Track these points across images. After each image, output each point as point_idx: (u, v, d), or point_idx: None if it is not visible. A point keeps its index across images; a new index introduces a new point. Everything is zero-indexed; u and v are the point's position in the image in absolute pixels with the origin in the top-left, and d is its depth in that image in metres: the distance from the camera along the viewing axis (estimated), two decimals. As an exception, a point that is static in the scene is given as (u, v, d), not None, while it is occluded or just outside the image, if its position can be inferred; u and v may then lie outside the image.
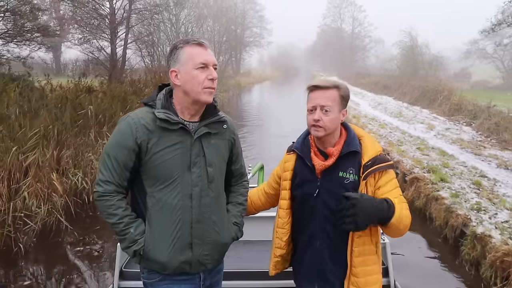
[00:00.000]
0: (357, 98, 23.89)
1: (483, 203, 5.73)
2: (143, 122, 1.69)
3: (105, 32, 19.97)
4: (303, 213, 1.93)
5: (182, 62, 1.70)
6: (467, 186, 6.56)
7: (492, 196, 6.05)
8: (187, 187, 1.71)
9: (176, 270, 1.73)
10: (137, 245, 1.69)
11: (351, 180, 1.81)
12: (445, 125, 13.27)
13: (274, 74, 73.86)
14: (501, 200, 5.84)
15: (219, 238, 1.80)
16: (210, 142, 1.78)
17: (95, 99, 9.07)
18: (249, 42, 52.65)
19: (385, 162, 1.81)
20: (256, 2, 54.73)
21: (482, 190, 6.31)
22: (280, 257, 2.02)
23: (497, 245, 4.46)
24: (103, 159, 1.72)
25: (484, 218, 5.21)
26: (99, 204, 1.71)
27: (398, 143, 10.20)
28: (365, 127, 12.95)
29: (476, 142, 10.62)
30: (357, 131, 1.93)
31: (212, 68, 1.72)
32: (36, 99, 8.51)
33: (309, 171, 1.89)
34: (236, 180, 2.01)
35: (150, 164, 1.69)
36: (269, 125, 16.57)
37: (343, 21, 68.47)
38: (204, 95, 1.71)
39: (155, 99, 1.76)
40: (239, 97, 31.68)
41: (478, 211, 5.48)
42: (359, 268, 1.80)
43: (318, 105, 1.80)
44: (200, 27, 35.94)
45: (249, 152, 10.60)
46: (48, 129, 6.70)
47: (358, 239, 1.79)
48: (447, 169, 7.57)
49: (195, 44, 1.71)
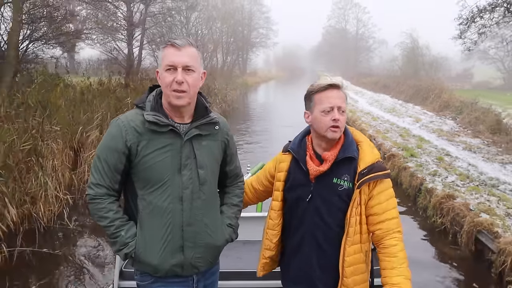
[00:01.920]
0: (356, 96, 25.63)
1: (439, 171, 7.49)
2: (132, 125, 1.68)
3: (122, 34, 21.84)
4: (293, 217, 1.90)
5: (159, 63, 1.71)
6: (431, 160, 8.32)
7: (448, 167, 7.79)
8: (177, 190, 1.69)
9: (167, 273, 1.73)
10: (128, 248, 1.70)
11: (345, 187, 1.77)
12: (431, 119, 14.97)
13: (280, 74, 75.54)
14: (454, 169, 7.59)
15: (211, 241, 1.79)
16: (201, 144, 1.76)
17: (130, 93, 10.91)
18: (256, 43, 54.09)
19: (382, 171, 1.77)
20: (262, 4, 56.43)
21: (441, 163, 8.07)
22: (269, 258, 2.00)
23: (439, 193, 6.22)
24: (94, 162, 1.72)
25: (436, 179, 6.98)
26: (91, 207, 1.71)
27: (385, 131, 11.97)
28: (359, 119, 14.71)
29: (453, 132, 12.32)
30: (356, 136, 1.88)
31: (179, 71, 1.66)
32: (83, 92, 10.38)
33: (303, 174, 1.85)
34: (231, 181, 2.00)
35: (140, 166, 1.69)
36: (275, 117, 18.41)
37: (348, 22, 69.78)
38: (173, 99, 1.67)
39: (145, 100, 1.75)
40: (245, 95, 33.45)
41: (433, 175, 7.24)
42: (350, 278, 1.77)
43: (336, 105, 1.75)
44: (210, 28, 37.71)
45: (261, 137, 12.41)
46: (104, 114, 8.54)
47: (349, 248, 1.76)
48: (420, 149, 9.33)
49: (169, 45, 1.68)
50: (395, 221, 1.76)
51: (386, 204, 1.75)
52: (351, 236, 1.75)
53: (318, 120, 1.77)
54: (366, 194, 1.75)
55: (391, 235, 1.74)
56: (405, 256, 1.73)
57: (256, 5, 55.23)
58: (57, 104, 8.59)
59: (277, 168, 1.97)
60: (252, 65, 57.39)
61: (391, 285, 1.67)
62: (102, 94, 10.21)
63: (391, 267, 1.69)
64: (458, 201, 5.75)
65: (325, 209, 1.79)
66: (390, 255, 1.71)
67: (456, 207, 5.55)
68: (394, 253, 1.71)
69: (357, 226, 1.75)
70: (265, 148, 11.52)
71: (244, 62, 52.89)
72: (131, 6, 21.26)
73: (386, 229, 1.74)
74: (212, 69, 30.77)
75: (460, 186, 6.63)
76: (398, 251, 1.71)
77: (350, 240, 1.75)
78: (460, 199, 5.85)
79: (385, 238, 1.74)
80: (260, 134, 14.23)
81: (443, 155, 8.86)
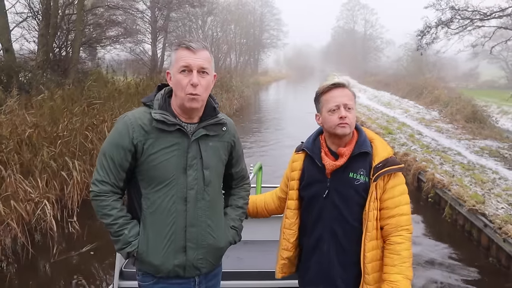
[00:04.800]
0: (359, 93, 28.17)
1: (407, 142, 10.11)
2: (140, 123, 1.68)
3: (147, 37, 24.75)
4: (311, 214, 1.90)
5: (172, 64, 1.71)
6: (404, 137, 10.94)
7: (415, 140, 10.40)
8: (182, 190, 1.69)
9: (170, 273, 1.72)
10: (130, 247, 1.69)
11: (362, 181, 1.80)
12: (418, 110, 17.51)
13: (290, 74, 77.72)
14: (419, 141, 10.22)
15: (214, 242, 1.78)
16: (208, 145, 1.75)
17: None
18: (267, 44, 56.41)
19: (396, 164, 1.81)
20: (273, 6, 58.78)
21: (411, 138, 10.68)
22: (287, 259, 1.99)
23: (400, 153, 8.84)
24: (100, 159, 1.72)
25: (403, 147, 9.62)
26: (94, 204, 1.70)
27: (375, 119, 14.62)
28: (356, 110, 17.37)
29: (433, 119, 14.86)
30: (369, 133, 1.92)
31: (194, 73, 1.65)
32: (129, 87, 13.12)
33: (319, 171, 1.86)
34: (237, 183, 1.99)
35: (146, 165, 1.69)
36: (286, 109, 21.15)
37: (356, 23, 71.76)
38: (187, 102, 1.67)
39: (153, 99, 1.75)
40: (257, 93, 36.19)
41: (401, 145, 9.88)
42: (371, 275, 1.78)
43: (341, 103, 1.79)
44: (224, 31, 40.41)
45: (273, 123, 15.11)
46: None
47: (368, 243, 1.78)
48: (398, 130, 11.94)
49: (184, 47, 1.68)
50: (404, 218, 1.77)
51: (398, 199, 1.78)
52: (370, 231, 1.77)
53: (326, 120, 1.82)
54: (381, 188, 1.78)
55: (399, 231, 1.76)
56: (409, 255, 1.74)
57: (267, 8, 57.54)
58: (114, 97, 11.18)
59: (290, 167, 2.00)
60: (263, 65, 59.44)
61: (389, 282, 1.70)
62: (140, 91, 12.82)
63: (391, 264, 1.72)
64: (411, 157, 8.39)
65: (343, 204, 1.81)
66: (393, 252, 1.74)
67: (408, 160, 8.19)
68: (398, 250, 1.73)
69: (375, 221, 1.77)
70: (280, 130, 14.33)
71: (256, 62, 55.00)
72: (156, 13, 24.20)
73: (395, 225, 1.76)
74: (227, 69, 33.26)
75: (419, 151, 9.25)
76: (403, 249, 1.73)
77: (369, 235, 1.77)
78: (412, 156, 8.49)
79: (392, 234, 1.77)
80: (272, 122, 17.03)
81: (416, 134, 11.46)
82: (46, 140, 6.45)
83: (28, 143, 6.17)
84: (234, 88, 22.48)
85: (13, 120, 6.56)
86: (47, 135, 6.59)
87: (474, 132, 12.01)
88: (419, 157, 8.49)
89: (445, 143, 10.19)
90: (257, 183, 3.36)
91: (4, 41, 9.88)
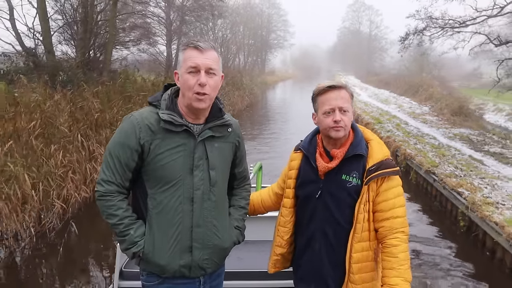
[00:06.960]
0: (361, 91, 30.10)
1: (393, 130, 12.05)
2: (147, 123, 1.68)
3: (162, 38, 26.87)
4: (304, 214, 1.93)
5: (180, 64, 1.71)
6: (391, 126, 12.88)
7: (400, 128, 12.32)
8: (188, 190, 1.71)
9: (175, 274, 1.73)
10: (136, 247, 1.69)
11: (354, 184, 1.79)
12: (411, 106, 19.38)
13: (296, 74, 79.26)
14: (403, 129, 12.17)
15: (219, 243, 1.80)
16: (214, 146, 1.77)
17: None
18: (274, 44, 57.51)
19: (390, 168, 1.78)
20: (280, 8, 60.34)
21: (397, 127, 12.61)
22: (280, 255, 2.02)
23: (384, 137, 10.78)
24: (105, 158, 1.71)
25: (388, 133, 11.53)
26: (99, 204, 1.70)
27: (370, 112, 16.53)
28: (354, 105, 19.34)
29: (423, 113, 16.74)
30: (366, 134, 1.90)
31: (202, 73, 1.66)
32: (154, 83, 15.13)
33: (313, 171, 1.88)
34: (239, 183, 2.01)
35: (152, 165, 1.69)
36: (291, 108, 23.14)
37: (361, 24, 72.93)
38: (195, 102, 1.67)
39: (160, 99, 1.75)
40: (265, 91, 38.16)
41: (387, 131, 11.82)
42: (357, 275, 1.79)
43: (337, 106, 1.78)
44: (234, 33, 42.32)
45: (280, 116, 17.10)
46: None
47: (356, 244, 1.78)
48: (388, 121, 13.85)
49: (192, 47, 1.68)
50: (399, 220, 1.77)
51: (393, 202, 1.77)
52: (358, 233, 1.77)
53: (321, 122, 1.83)
54: (374, 190, 1.77)
55: (394, 234, 1.75)
56: (407, 258, 1.73)
57: (275, 9, 58.89)
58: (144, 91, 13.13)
59: (289, 166, 2.02)
60: (270, 65, 60.79)
61: (388, 286, 1.69)
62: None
63: (390, 267, 1.71)
64: (391, 139, 10.36)
65: (335, 206, 1.82)
66: (391, 255, 1.73)
67: (389, 141, 10.19)
68: (395, 253, 1.72)
69: (365, 223, 1.77)
70: (284, 125, 16.34)
71: (263, 62, 56.20)
72: (171, 16, 26.26)
73: (389, 228, 1.76)
74: (236, 68, 35.00)
75: (400, 136, 11.18)
76: (399, 252, 1.72)
77: (358, 236, 1.77)
78: (392, 138, 10.45)
79: (387, 237, 1.76)
80: (278, 118, 19.03)
81: (402, 124, 13.38)
82: (107, 122, 8.51)
83: (95, 124, 8.26)
84: (245, 86, 24.48)
85: (88, 106, 8.52)
86: (108, 119, 8.67)
87: (455, 123, 13.85)
88: (398, 139, 10.45)
89: (425, 131, 12.11)
90: (257, 183, 3.40)
91: (47, 44, 11.58)
